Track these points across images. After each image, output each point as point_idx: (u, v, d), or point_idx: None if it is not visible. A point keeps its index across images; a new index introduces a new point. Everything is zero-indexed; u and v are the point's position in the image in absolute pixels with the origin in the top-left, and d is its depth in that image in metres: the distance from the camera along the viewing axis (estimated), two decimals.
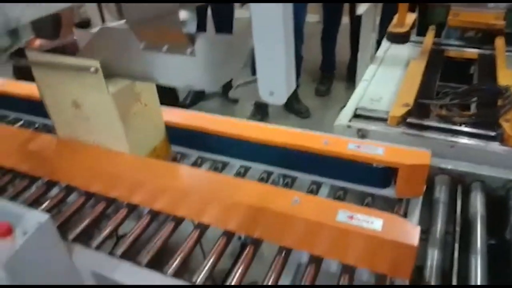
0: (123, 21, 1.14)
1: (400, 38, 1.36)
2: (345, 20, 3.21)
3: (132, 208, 1.03)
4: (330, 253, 0.83)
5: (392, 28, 1.30)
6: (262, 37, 0.69)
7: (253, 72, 0.75)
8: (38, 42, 1.10)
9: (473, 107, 1.39)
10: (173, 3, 0.80)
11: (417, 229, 0.75)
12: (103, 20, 1.36)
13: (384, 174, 0.97)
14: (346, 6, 3.14)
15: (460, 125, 1.24)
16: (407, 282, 0.79)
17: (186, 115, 1.20)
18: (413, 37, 1.82)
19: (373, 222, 0.77)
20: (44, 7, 1.10)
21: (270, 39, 0.69)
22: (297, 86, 3.17)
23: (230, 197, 0.87)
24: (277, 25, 0.67)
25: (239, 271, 0.85)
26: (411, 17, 1.29)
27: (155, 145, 1.09)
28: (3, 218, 0.79)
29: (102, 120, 0.98)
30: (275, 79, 0.78)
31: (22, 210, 0.83)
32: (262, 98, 0.83)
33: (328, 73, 3.33)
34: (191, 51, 0.86)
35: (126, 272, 0.85)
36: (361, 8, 1.42)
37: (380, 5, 2.49)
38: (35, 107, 1.29)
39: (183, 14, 0.83)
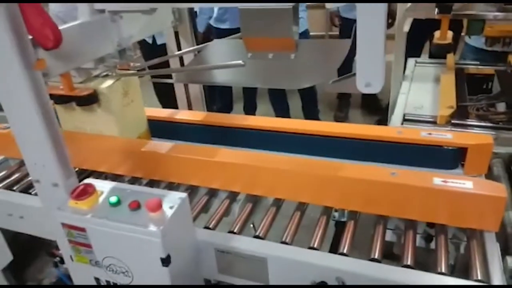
0: (194, 47, 1.34)
1: (444, 49, 1.59)
2: None
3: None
4: (426, 216, 0.98)
5: (436, 40, 1.53)
6: (365, 34, 0.86)
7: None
8: None
9: (500, 108, 1.60)
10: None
11: (503, 186, 0.91)
12: (179, 47, 1.56)
13: (454, 156, 1.14)
14: None
15: (498, 123, 1.44)
16: (494, 236, 0.94)
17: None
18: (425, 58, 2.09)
19: (465, 183, 0.93)
20: (150, 29, 1.31)
21: (372, 36, 0.86)
22: (318, 111, 3.38)
23: (335, 174, 1.02)
24: (379, 23, 0.85)
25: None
26: (449, 33, 1.53)
27: (139, 134, 1.38)
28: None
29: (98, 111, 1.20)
30: (373, 72, 0.96)
31: (163, 192, 0.98)
32: (359, 89, 1.01)
33: (345, 100, 3.58)
34: (295, 56, 1.05)
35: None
36: (406, 27, 1.65)
37: None
38: None
39: None
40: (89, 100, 1.18)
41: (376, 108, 3.35)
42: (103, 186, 1.00)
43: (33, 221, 1.27)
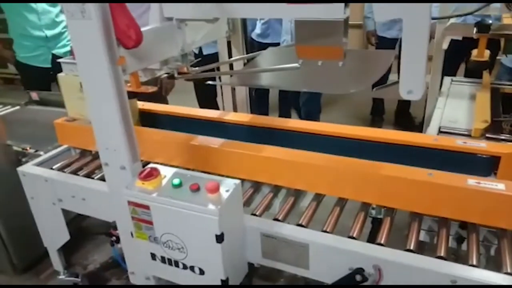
0: (246, 55, 1.46)
1: (481, 66, 1.67)
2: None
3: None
4: (459, 215, 1.05)
5: (474, 58, 1.61)
6: (410, 45, 0.96)
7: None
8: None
9: None
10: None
11: None
12: (230, 55, 1.70)
13: (487, 163, 1.21)
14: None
15: None
16: None
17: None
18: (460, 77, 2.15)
19: (497, 185, 1.00)
20: (210, 36, 1.44)
21: (416, 47, 0.96)
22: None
23: (375, 172, 1.11)
24: (423, 36, 0.94)
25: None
26: (487, 52, 1.61)
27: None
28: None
29: None
30: (415, 80, 1.06)
31: (219, 178, 1.09)
32: (402, 96, 1.11)
33: (378, 117, 3.65)
34: (343, 63, 1.15)
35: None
36: (445, 44, 1.74)
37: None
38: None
39: None
40: (154, 97, 1.32)
41: (410, 125, 3.38)
42: (166, 170, 1.13)
43: (94, 203, 1.41)
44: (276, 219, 1.15)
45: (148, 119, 1.68)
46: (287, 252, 1.10)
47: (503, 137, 1.51)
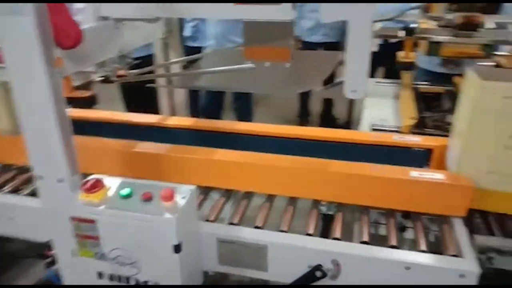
0: (185, 58, 1.43)
1: (408, 67, 1.80)
2: None
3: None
4: (406, 205, 1.12)
5: (401, 59, 1.74)
6: (354, 48, 1.00)
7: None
8: None
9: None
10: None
11: (471, 179, 1.07)
12: (166, 57, 1.64)
13: (422, 156, 1.30)
14: None
15: None
16: (461, 221, 1.09)
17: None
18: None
19: (436, 175, 1.09)
20: (149, 37, 1.38)
21: (360, 49, 1.01)
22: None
23: (325, 170, 1.14)
24: (366, 39, 0.99)
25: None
26: (412, 53, 1.75)
27: None
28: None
29: None
30: (359, 80, 1.11)
31: (173, 184, 1.04)
32: (346, 95, 1.15)
33: (304, 118, 3.79)
34: (290, 65, 1.17)
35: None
36: (374, 47, 1.84)
37: None
38: None
39: None
40: (90, 102, 1.22)
41: (334, 126, 3.58)
42: (111, 181, 1.04)
43: (24, 222, 1.26)
44: (231, 223, 1.13)
45: (79, 127, 1.55)
46: (245, 256, 1.08)
47: (428, 132, 1.65)
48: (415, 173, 1.10)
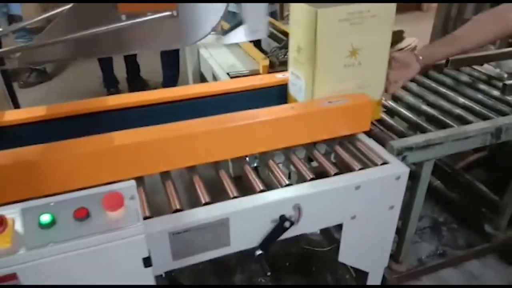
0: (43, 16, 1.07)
1: None
2: None
3: None
4: (326, 135, 1.16)
5: None
6: None
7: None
8: None
9: None
10: None
11: (367, 95, 1.18)
12: None
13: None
14: None
15: None
16: (365, 135, 1.22)
17: None
18: None
19: (342, 100, 1.16)
20: None
21: None
22: None
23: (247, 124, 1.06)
24: None
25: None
26: None
27: None
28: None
29: None
30: (259, 20, 1.06)
31: (108, 186, 0.78)
32: (247, 37, 1.09)
33: (114, 88, 3.35)
34: (175, 13, 0.99)
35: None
36: None
37: None
38: None
39: None
40: None
41: (146, 89, 3.30)
42: (8, 212, 0.71)
43: None
44: (177, 210, 0.94)
45: None
46: (202, 239, 0.94)
47: (281, 69, 1.73)
48: (326, 102, 1.14)
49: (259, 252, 0.99)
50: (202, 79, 2.16)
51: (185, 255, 0.94)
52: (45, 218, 0.69)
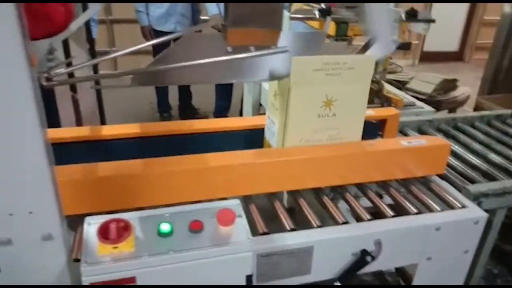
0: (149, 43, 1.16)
1: None
2: None
3: None
4: (400, 174, 1.18)
5: None
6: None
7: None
8: None
9: None
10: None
11: (441, 138, 1.21)
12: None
13: (375, 127, 1.39)
14: None
15: None
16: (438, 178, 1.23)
17: None
18: None
19: (421, 141, 1.19)
20: None
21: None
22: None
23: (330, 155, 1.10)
24: None
25: None
26: None
27: None
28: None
29: None
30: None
31: (224, 202, 0.83)
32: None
33: (167, 113, 3.48)
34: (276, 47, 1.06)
35: None
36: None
37: None
38: None
39: None
40: None
41: (196, 117, 3.39)
42: (128, 218, 0.76)
43: None
44: (264, 233, 0.97)
45: None
46: (286, 264, 0.96)
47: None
48: (404, 142, 1.17)
49: (337, 284, 1.01)
50: (260, 111, 2.23)
51: (268, 278, 0.97)
52: (165, 227, 0.74)
